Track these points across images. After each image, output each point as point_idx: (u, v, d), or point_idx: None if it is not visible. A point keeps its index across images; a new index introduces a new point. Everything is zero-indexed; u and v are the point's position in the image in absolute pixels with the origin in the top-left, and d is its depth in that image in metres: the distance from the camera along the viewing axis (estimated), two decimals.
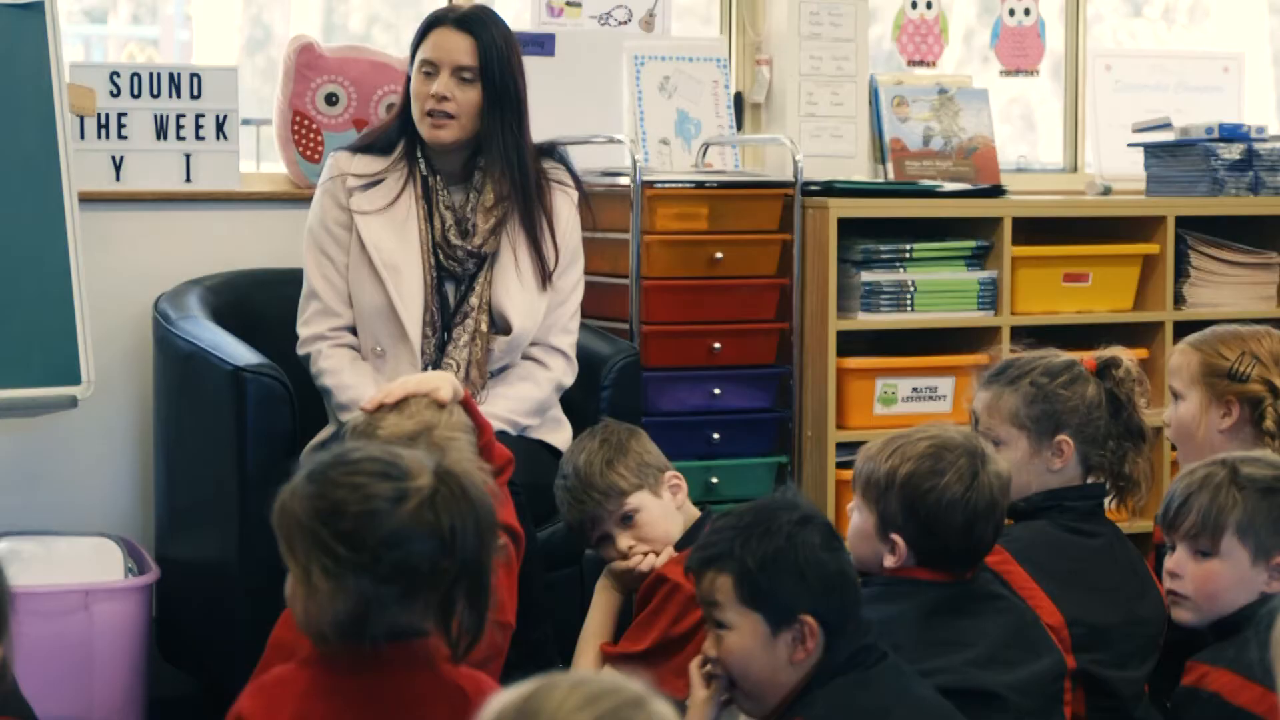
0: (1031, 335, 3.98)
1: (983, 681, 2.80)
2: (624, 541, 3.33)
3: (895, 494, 2.88)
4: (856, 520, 2.95)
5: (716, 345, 4.36)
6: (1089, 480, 3.30)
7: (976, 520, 2.87)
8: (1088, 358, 3.37)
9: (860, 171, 5.01)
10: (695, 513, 3.39)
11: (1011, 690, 2.81)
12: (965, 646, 2.83)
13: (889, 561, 2.89)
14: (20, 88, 3.93)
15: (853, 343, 4.50)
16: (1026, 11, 5.36)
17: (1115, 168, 5.31)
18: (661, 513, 3.34)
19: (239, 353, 3.84)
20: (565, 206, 4.00)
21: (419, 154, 3.96)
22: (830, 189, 4.49)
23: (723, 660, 2.61)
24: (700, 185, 4.46)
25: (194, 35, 5.13)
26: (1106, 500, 3.34)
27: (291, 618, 2.60)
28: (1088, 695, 3.08)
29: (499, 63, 3.88)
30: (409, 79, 3.95)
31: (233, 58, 4.90)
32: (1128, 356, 3.38)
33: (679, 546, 3.30)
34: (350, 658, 2.23)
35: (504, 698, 1.55)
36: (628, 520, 3.32)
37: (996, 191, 4.75)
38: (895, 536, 2.88)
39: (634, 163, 4.33)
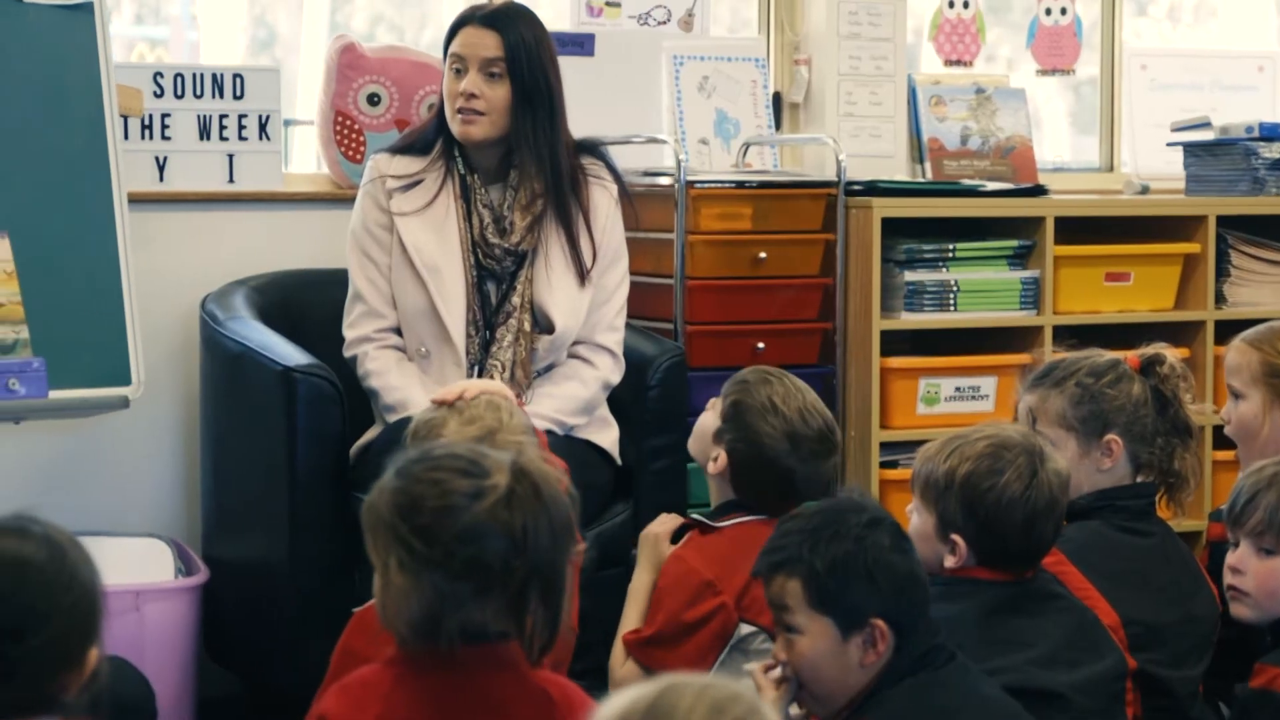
0: (1073, 335, 3.98)
1: (1045, 681, 2.80)
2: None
3: (954, 494, 2.88)
4: (916, 521, 2.94)
5: (760, 345, 4.36)
6: (1139, 479, 3.30)
7: (1036, 519, 2.87)
8: (1131, 356, 3.36)
9: (899, 171, 5.00)
10: (725, 495, 3.25)
11: (1074, 690, 2.81)
12: (1026, 646, 2.83)
13: (949, 562, 2.89)
14: (70, 89, 3.92)
15: (893, 342, 4.49)
16: (1063, 11, 5.35)
17: (1150, 167, 5.31)
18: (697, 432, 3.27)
19: (289, 353, 3.83)
20: (604, 201, 3.98)
21: (456, 153, 3.95)
22: (873, 189, 4.48)
23: (793, 664, 2.59)
24: (743, 185, 4.45)
25: (200, 35, 5.13)
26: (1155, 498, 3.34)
27: (362, 626, 2.61)
28: (1143, 695, 3.08)
29: (527, 58, 3.88)
30: None
31: (238, 58, 4.90)
32: (1171, 353, 3.38)
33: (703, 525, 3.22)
34: (432, 658, 2.22)
35: (626, 700, 1.54)
36: None
37: (1039, 191, 4.74)
38: (955, 537, 2.88)
39: (678, 162, 4.32)
